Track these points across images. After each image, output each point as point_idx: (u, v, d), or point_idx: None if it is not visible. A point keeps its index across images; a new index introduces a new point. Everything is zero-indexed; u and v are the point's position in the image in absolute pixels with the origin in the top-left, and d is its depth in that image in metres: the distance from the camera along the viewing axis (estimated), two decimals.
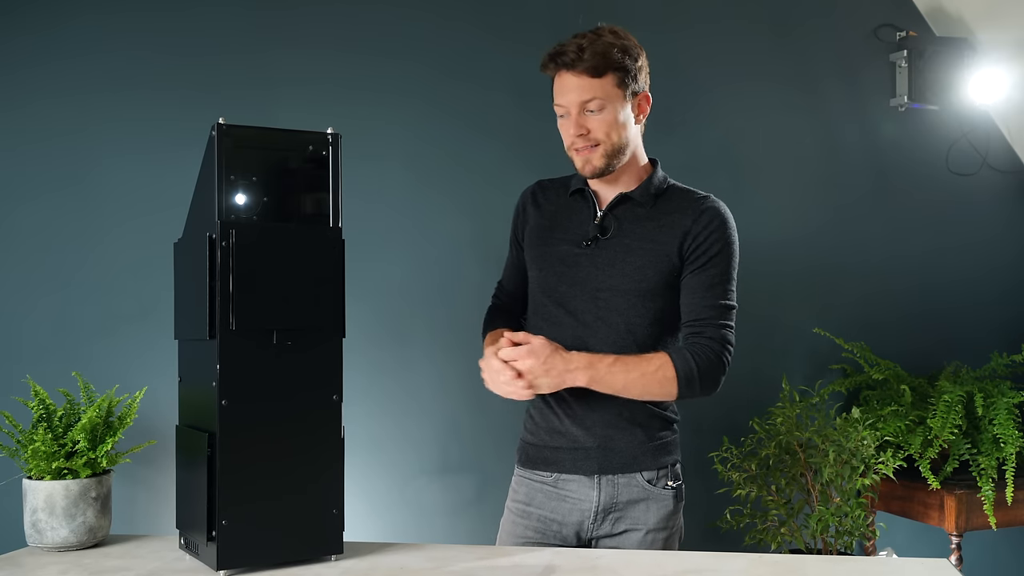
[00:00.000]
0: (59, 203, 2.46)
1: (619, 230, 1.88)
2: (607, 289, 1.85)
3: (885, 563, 1.58)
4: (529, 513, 1.92)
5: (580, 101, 1.82)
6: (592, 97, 1.82)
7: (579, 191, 1.95)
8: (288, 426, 1.48)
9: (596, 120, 1.83)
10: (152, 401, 1.98)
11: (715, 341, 1.84)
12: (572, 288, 1.88)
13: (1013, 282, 3.39)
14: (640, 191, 1.89)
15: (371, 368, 2.65)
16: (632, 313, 1.85)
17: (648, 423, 1.88)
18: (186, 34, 2.56)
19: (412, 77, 2.75)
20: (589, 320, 1.86)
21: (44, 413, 1.66)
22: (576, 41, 1.82)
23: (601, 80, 1.82)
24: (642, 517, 1.87)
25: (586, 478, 1.87)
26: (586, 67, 1.81)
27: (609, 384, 1.79)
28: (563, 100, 1.84)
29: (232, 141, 1.46)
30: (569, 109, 1.84)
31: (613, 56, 1.81)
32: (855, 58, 3.22)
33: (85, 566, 1.52)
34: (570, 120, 1.84)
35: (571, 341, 1.85)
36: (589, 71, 1.81)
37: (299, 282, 1.48)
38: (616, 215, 1.89)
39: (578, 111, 1.83)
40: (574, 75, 1.82)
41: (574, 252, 1.88)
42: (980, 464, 2.69)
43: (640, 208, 1.89)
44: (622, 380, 1.78)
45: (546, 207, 1.98)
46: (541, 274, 1.93)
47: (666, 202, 1.89)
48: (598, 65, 1.81)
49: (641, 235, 1.86)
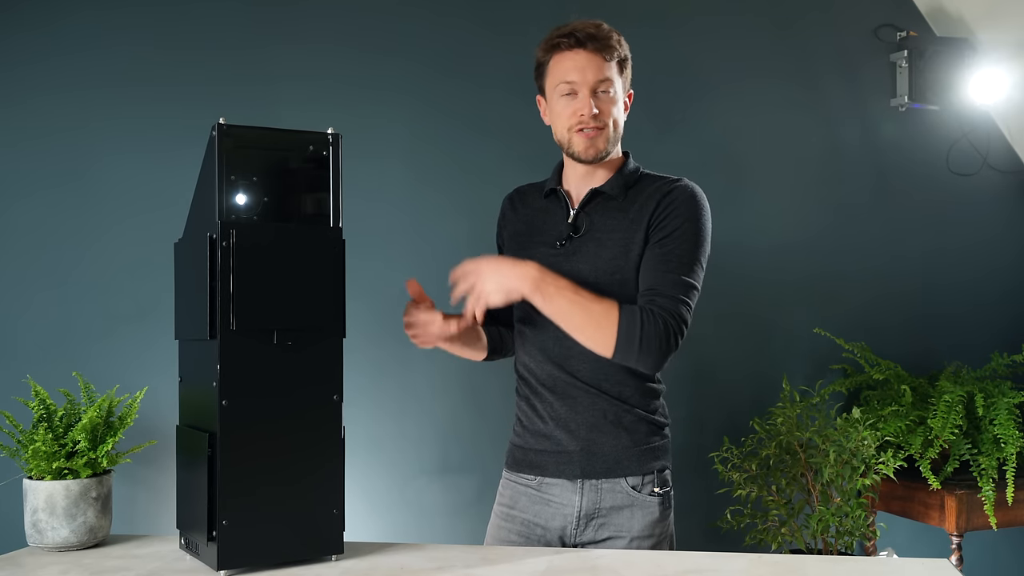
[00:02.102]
0: (58, 200, 2.46)
1: (591, 226, 1.85)
2: (583, 285, 1.80)
3: (885, 563, 1.58)
4: (513, 516, 1.90)
5: (596, 79, 1.80)
6: (606, 77, 1.81)
7: (553, 192, 1.93)
8: (288, 426, 1.48)
9: (607, 102, 1.82)
10: (152, 401, 1.98)
11: (667, 312, 1.71)
12: None
13: (1014, 282, 3.39)
14: (610, 184, 1.87)
15: (371, 368, 2.65)
16: None
17: (634, 427, 1.83)
18: (185, 31, 2.56)
19: (411, 75, 2.75)
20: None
21: (45, 413, 1.66)
22: (584, 23, 1.81)
23: (610, 64, 1.82)
24: (626, 524, 1.82)
25: (569, 482, 1.83)
26: (600, 47, 1.80)
27: (551, 301, 1.70)
28: (576, 77, 1.80)
29: (232, 141, 1.46)
30: (581, 88, 1.80)
31: (619, 45, 1.83)
32: (855, 58, 3.22)
33: (85, 566, 1.52)
34: (581, 99, 1.81)
35: (552, 342, 1.83)
36: (603, 52, 1.80)
37: (299, 282, 1.48)
38: (588, 212, 1.87)
39: (590, 91, 1.80)
40: (589, 53, 1.80)
41: (550, 253, 1.86)
42: (980, 464, 2.69)
43: (612, 201, 1.86)
44: (565, 304, 1.70)
45: (523, 212, 1.97)
46: None
47: (637, 192, 1.86)
48: (610, 48, 1.81)
49: (612, 227, 1.84)
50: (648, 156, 2.00)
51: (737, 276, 3.04)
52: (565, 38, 1.81)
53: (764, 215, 3.09)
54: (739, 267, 3.04)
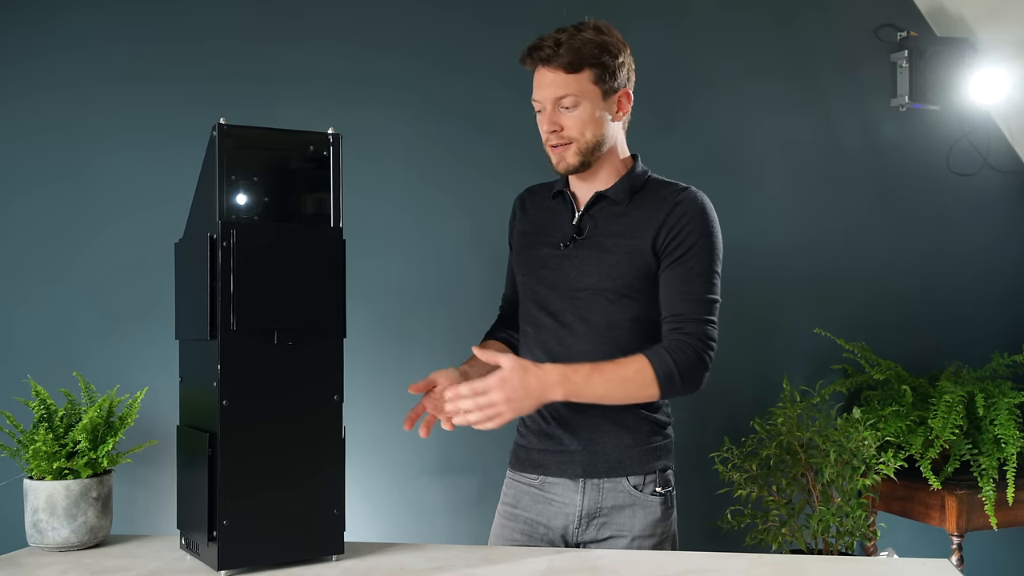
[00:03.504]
0: (57, 198, 2.46)
1: (594, 229, 1.85)
2: (584, 289, 1.82)
3: (886, 563, 1.58)
4: (516, 515, 1.90)
5: (555, 97, 1.80)
6: (566, 93, 1.79)
7: (560, 193, 1.93)
8: (289, 426, 1.48)
9: (570, 117, 1.81)
10: (153, 401, 1.98)
11: (694, 338, 1.76)
12: (551, 291, 1.86)
13: (1014, 282, 3.39)
14: (615, 189, 1.86)
15: (372, 368, 2.65)
16: (611, 312, 1.82)
17: (636, 426, 1.84)
18: (184, 29, 2.56)
19: (412, 72, 2.74)
20: (569, 321, 1.84)
21: (45, 413, 1.66)
22: (554, 36, 1.80)
23: (576, 76, 1.79)
24: (627, 524, 1.83)
25: (571, 481, 1.84)
26: (562, 63, 1.78)
27: (588, 394, 1.73)
28: (538, 95, 1.82)
29: (233, 141, 1.46)
30: (544, 105, 1.81)
31: (590, 52, 1.79)
32: (856, 58, 3.22)
33: (86, 566, 1.52)
34: (543, 116, 1.82)
35: (553, 343, 1.84)
36: (565, 67, 1.78)
37: (300, 282, 1.48)
38: (592, 215, 1.87)
39: (552, 107, 1.80)
40: (550, 70, 1.79)
41: (553, 255, 1.87)
42: (981, 464, 2.69)
43: (616, 206, 1.86)
44: (601, 389, 1.73)
45: (531, 212, 1.97)
46: (524, 279, 1.93)
47: (642, 197, 1.86)
48: (573, 61, 1.78)
49: (616, 233, 1.83)
50: (648, 155, 1.99)
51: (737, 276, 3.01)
52: (529, 55, 1.82)
53: (764, 215, 3.09)
54: (739, 267, 3.02)
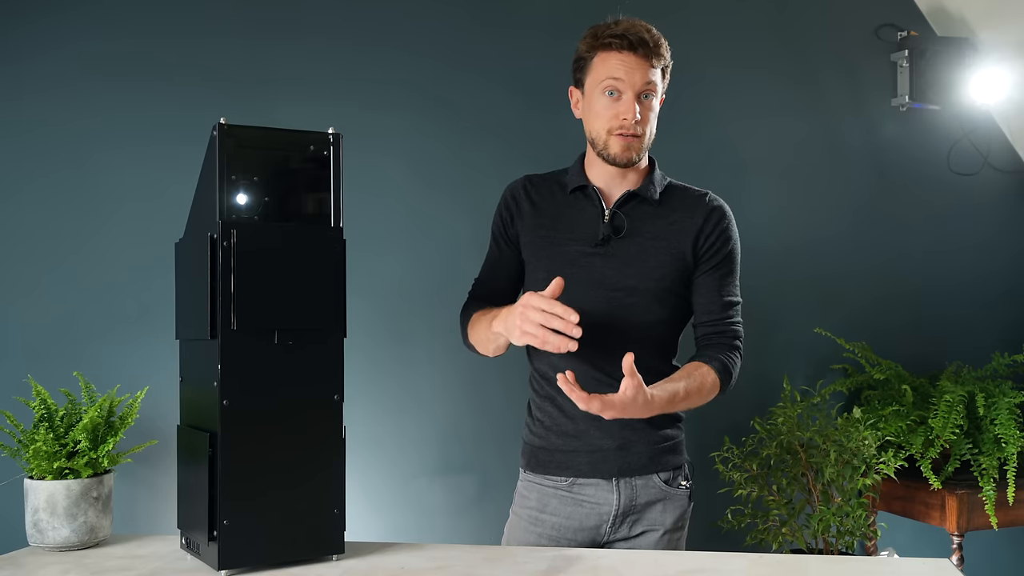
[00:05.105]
0: (57, 199, 2.45)
1: (631, 229, 1.85)
2: (622, 288, 1.82)
3: (886, 563, 1.58)
4: (543, 520, 1.88)
5: (644, 83, 1.78)
6: (651, 82, 1.79)
7: (580, 188, 1.89)
8: (289, 426, 1.48)
9: (649, 109, 1.81)
10: (153, 401, 1.98)
11: (734, 338, 1.89)
12: (585, 289, 1.82)
13: (1014, 281, 3.39)
14: (645, 188, 1.86)
15: (372, 367, 2.65)
16: (646, 312, 1.84)
17: (662, 423, 1.88)
18: (185, 29, 2.56)
19: (412, 72, 2.74)
20: (602, 321, 1.82)
21: (45, 413, 1.66)
22: (642, 24, 1.79)
23: (658, 71, 1.81)
24: (659, 518, 1.87)
25: (605, 481, 1.85)
26: (651, 53, 1.78)
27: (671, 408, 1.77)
28: (623, 75, 1.77)
29: (233, 141, 1.46)
30: (627, 89, 1.78)
31: (667, 51, 1.82)
32: (856, 57, 3.22)
33: (86, 566, 1.52)
34: (625, 102, 1.79)
35: (580, 341, 1.83)
36: (653, 58, 1.78)
37: (300, 282, 1.48)
38: (626, 212, 1.86)
39: (635, 95, 1.78)
40: (639, 58, 1.77)
41: (585, 252, 1.84)
42: (981, 464, 2.69)
43: (647, 206, 1.86)
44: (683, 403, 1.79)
45: (543, 205, 1.91)
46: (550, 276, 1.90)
47: (671, 199, 1.88)
48: (660, 56, 1.79)
49: (654, 234, 1.84)
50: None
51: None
52: (617, 39, 1.77)
53: (764, 215, 3.09)
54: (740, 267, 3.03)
